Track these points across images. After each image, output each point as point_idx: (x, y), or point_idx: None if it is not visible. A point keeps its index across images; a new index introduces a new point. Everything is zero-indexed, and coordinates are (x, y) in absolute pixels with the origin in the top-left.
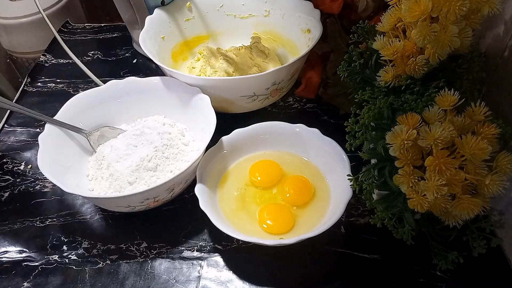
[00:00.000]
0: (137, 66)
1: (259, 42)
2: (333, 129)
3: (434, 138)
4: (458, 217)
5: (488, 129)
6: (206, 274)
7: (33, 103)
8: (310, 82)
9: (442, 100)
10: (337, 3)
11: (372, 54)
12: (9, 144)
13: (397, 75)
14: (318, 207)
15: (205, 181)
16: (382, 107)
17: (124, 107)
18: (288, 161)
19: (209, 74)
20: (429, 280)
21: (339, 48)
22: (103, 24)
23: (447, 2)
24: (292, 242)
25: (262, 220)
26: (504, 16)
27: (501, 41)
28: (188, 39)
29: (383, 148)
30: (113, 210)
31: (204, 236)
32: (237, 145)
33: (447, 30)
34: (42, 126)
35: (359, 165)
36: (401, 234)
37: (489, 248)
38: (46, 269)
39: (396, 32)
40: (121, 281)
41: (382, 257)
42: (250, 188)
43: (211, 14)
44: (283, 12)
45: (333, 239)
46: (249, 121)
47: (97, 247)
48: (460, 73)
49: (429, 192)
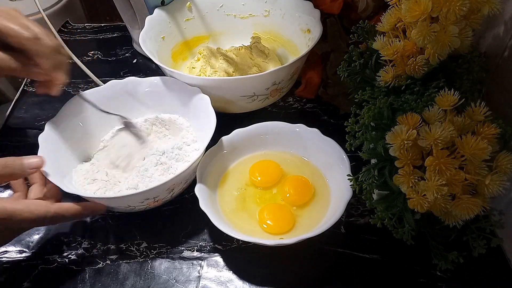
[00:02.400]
0: (137, 66)
1: (259, 42)
2: (333, 129)
3: (434, 138)
4: (458, 217)
5: (488, 129)
6: (206, 274)
7: (33, 103)
8: (310, 82)
9: (442, 100)
10: (337, 3)
11: (372, 54)
12: (9, 144)
13: (397, 75)
14: (318, 207)
15: (205, 181)
16: (382, 107)
17: (124, 107)
18: (288, 161)
19: (209, 74)
20: (429, 280)
21: (339, 48)
22: (103, 24)
23: (447, 2)
24: (292, 242)
25: (262, 220)
26: (504, 16)
27: (501, 41)
28: (188, 39)
29: (383, 148)
30: (113, 210)
31: (204, 236)
32: (237, 145)
33: (447, 30)
34: (42, 126)
35: (359, 165)
36: (401, 234)
37: (489, 248)
38: (46, 269)
39: (396, 32)
40: (121, 281)
41: (382, 257)
42: (250, 188)
43: (211, 14)
44: (283, 12)
45: (333, 239)
46: (249, 121)
47: (97, 247)
48: (460, 73)
49: (429, 192)
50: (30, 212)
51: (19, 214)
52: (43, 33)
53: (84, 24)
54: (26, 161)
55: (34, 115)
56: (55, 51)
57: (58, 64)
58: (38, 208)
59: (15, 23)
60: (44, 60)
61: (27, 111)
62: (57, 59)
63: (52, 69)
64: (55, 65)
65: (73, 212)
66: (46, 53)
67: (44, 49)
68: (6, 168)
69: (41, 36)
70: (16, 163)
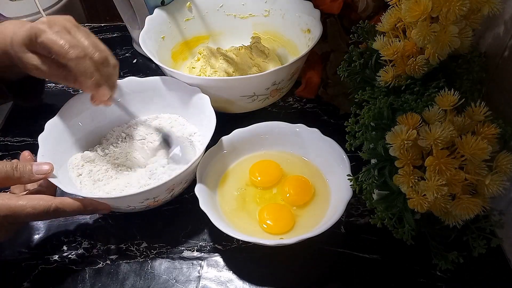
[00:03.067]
0: (137, 66)
1: (259, 42)
2: (333, 129)
3: (434, 138)
4: (458, 217)
5: (488, 129)
6: (206, 274)
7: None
8: (310, 82)
9: (442, 100)
10: (337, 3)
11: (372, 54)
12: (9, 144)
13: (397, 75)
14: (318, 207)
15: (205, 181)
16: (382, 107)
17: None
18: (288, 161)
19: (209, 74)
20: (429, 280)
21: (339, 48)
22: (103, 24)
23: (447, 2)
24: (292, 242)
25: (262, 220)
26: (504, 16)
27: (501, 41)
28: (188, 39)
29: (383, 148)
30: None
31: (204, 236)
32: (237, 145)
33: (447, 30)
34: (42, 126)
35: (359, 165)
36: (401, 234)
37: (489, 248)
38: (46, 269)
39: (396, 32)
40: (121, 281)
41: (382, 257)
42: (250, 188)
43: (211, 14)
44: (283, 12)
45: (333, 239)
46: (249, 121)
47: (97, 247)
48: (460, 73)
49: (429, 192)
50: (33, 207)
51: (22, 210)
52: (92, 45)
53: (84, 24)
54: (35, 168)
55: (34, 115)
56: (100, 66)
57: (101, 80)
58: (41, 203)
59: (64, 38)
60: (86, 80)
61: (27, 111)
62: (101, 75)
63: (94, 88)
64: (98, 83)
65: (75, 208)
66: (89, 72)
67: (88, 68)
68: (16, 171)
69: (87, 51)
70: (26, 168)
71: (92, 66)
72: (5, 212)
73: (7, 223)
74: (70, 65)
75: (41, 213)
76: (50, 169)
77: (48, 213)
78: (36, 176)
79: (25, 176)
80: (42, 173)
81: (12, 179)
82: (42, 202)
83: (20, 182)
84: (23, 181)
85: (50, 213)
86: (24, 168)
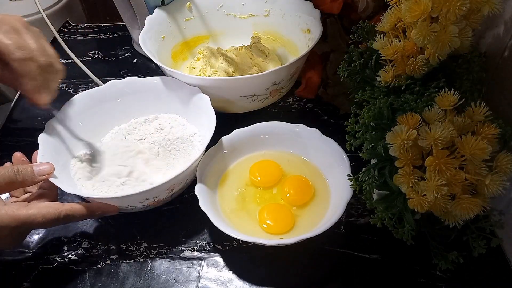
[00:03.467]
0: (137, 66)
1: (259, 42)
2: (333, 129)
3: (434, 138)
4: (458, 217)
5: (488, 129)
6: (206, 274)
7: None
8: (310, 82)
9: (442, 100)
10: (337, 3)
11: (372, 54)
12: (9, 144)
13: (397, 75)
14: (318, 207)
15: (205, 181)
16: (382, 107)
17: (124, 107)
18: (288, 161)
19: (209, 74)
20: (429, 280)
21: (339, 48)
22: (103, 24)
23: (447, 2)
24: (292, 242)
25: (262, 220)
26: (504, 16)
27: (501, 41)
28: (188, 39)
29: (383, 148)
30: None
31: (204, 236)
32: (237, 145)
33: (447, 30)
34: (42, 126)
35: (359, 165)
36: (401, 234)
37: (489, 248)
38: (46, 269)
39: (396, 32)
40: (121, 281)
41: (382, 257)
42: (250, 188)
43: (211, 14)
44: (283, 12)
45: (333, 239)
46: (249, 121)
47: (97, 247)
48: (460, 73)
49: (429, 192)
50: (43, 216)
51: (33, 220)
52: (39, 48)
53: (84, 24)
54: (36, 169)
55: (34, 115)
56: (44, 71)
57: (42, 86)
58: (50, 212)
59: (10, 39)
60: (28, 82)
61: (27, 111)
62: (43, 80)
63: (34, 91)
64: (38, 87)
65: (84, 213)
66: (32, 75)
67: (31, 70)
68: (18, 174)
69: (33, 54)
70: (27, 171)
71: (36, 69)
72: (15, 224)
73: (16, 233)
74: (13, 66)
75: (51, 221)
76: (51, 169)
77: (58, 220)
78: (38, 178)
79: (28, 179)
80: (43, 174)
81: (16, 183)
82: (52, 210)
83: (24, 185)
84: (26, 184)
85: (60, 220)
86: (25, 171)
